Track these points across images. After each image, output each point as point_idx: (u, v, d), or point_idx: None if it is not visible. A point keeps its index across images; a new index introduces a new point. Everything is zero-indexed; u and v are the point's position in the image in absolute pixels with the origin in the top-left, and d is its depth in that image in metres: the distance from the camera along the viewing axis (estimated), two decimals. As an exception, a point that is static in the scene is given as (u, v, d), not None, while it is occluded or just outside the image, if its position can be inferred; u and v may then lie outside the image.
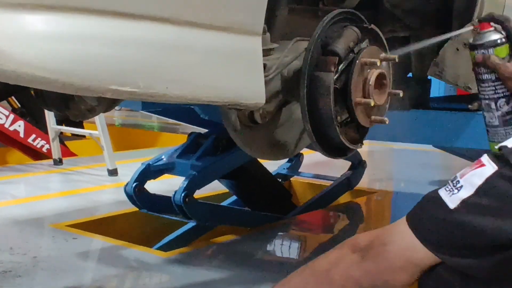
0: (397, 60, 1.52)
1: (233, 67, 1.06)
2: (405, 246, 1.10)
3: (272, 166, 3.26)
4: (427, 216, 1.10)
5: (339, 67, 1.43)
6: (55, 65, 0.82)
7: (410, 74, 2.17)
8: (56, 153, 4.31)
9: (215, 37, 1.02)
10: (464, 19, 1.82)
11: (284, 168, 3.55)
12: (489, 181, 1.03)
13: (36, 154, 5.08)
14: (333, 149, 1.50)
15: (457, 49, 1.80)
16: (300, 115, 1.45)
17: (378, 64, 1.45)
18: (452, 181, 1.07)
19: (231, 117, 1.47)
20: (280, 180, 3.43)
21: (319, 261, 1.22)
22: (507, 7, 1.88)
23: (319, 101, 1.42)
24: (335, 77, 1.42)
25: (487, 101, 1.54)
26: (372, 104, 1.45)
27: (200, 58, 1.00)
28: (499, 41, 1.52)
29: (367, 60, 1.45)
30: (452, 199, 1.05)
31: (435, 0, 1.94)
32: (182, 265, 2.38)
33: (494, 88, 1.52)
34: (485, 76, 1.53)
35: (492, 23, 1.54)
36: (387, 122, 1.49)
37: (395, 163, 4.92)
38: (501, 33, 1.53)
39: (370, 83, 1.45)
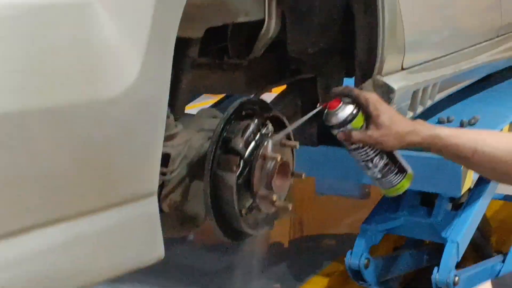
0: (297, 147, 1.56)
1: (129, 239, 1.07)
2: None
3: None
4: None
5: (241, 163, 1.46)
6: None
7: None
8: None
9: (108, 216, 1.03)
10: (367, 62, 1.85)
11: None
12: None
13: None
14: (240, 235, 1.55)
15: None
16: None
17: (279, 159, 1.48)
18: None
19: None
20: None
21: None
22: (408, 47, 1.92)
23: (223, 198, 1.46)
24: (238, 173, 1.45)
25: (363, 163, 1.56)
26: (275, 199, 1.49)
27: (93, 245, 1.01)
28: (352, 115, 1.48)
29: (268, 155, 1.48)
30: None
31: (339, 42, 1.96)
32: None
33: (365, 152, 1.53)
34: (353, 146, 1.54)
35: (340, 98, 1.50)
36: (290, 208, 1.54)
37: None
38: (351, 104, 1.48)
39: (273, 176, 1.49)
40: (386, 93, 1.80)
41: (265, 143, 1.49)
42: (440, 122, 2.36)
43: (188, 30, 1.49)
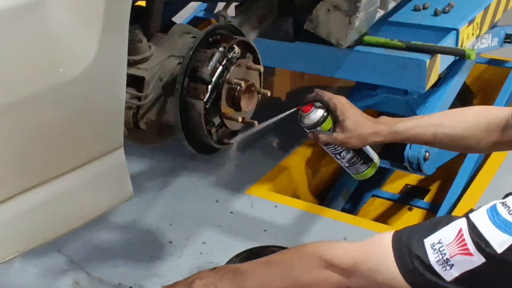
0: (262, 70, 1.67)
1: (100, 188, 1.25)
2: (391, 277, 1.26)
3: (186, 11, 3.31)
4: (419, 274, 1.23)
5: (209, 89, 1.59)
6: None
7: None
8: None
9: (80, 173, 1.20)
10: None
11: (201, 10, 3.63)
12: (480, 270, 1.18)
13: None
14: (211, 149, 1.72)
15: (328, 10, 1.92)
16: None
17: (243, 85, 1.61)
18: (440, 252, 1.21)
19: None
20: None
21: (292, 271, 1.38)
22: None
23: (193, 121, 1.61)
24: (206, 99, 1.59)
25: (333, 155, 1.75)
26: (240, 119, 1.64)
27: (69, 199, 1.20)
28: (322, 119, 1.65)
29: (233, 81, 1.60)
30: (446, 274, 1.20)
31: None
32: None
33: (333, 147, 1.71)
34: None
35: (312, 103, 1.66)
36: (256, 125, 1.68)
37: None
38: (322, 109, 1.66)
39: (239, 98, 1.62)
40: (354, 1, 1.87)
41: (231, 69, 1.61)
42: (415, 9, 2.43)
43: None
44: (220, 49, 1.60)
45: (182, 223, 2.37)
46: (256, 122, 1.69)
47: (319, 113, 1.66)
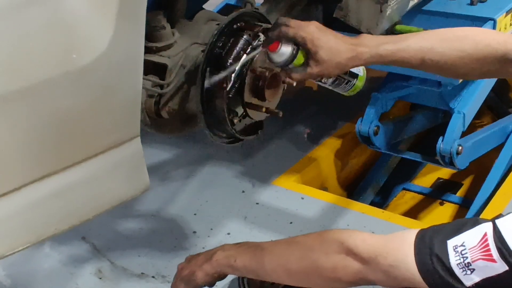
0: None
1: (115, 179, 1.22)
2: (409, 275, 1.24)
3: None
4: (438, 276, 1.19)
5: (232, 78, 1.54)
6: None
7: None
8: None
9: (95, 163, 1.17)
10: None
11: (233, -4, 3.58)
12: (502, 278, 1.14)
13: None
14: (235, 139, 1.68)
15: (359, -3, 1.86)
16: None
17: (268, 74, 1.56)
18: (462, 256, 1.17)
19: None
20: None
21: (311, 253, 1.37)
22: None
23: (216, 111, 1.57)
24: (229, 87, 1.55)
25: (316, 82, 1.59)
26: (264, 110, 1.59)
27: (83, 189, 1.17)
28: (291, 56, 1.45)
29: (257, 70, 1.56)
30: (466, 278, 1.16)
31: None
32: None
33: None
34: None
35: (278, 40, 1.46)
36: (280, 115, 1.63)
37: None
38: (290, 44, 1.45)
39: (263, 88, 1.57)
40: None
41: (255, 58, 1.56)
42: (452, -5, 2.35)
43: None
44: (244, 36, 1.56)
45: (207, 213, 2.34)
46: (281, 112, 1.64)
47: (287, 49, 1.45)
